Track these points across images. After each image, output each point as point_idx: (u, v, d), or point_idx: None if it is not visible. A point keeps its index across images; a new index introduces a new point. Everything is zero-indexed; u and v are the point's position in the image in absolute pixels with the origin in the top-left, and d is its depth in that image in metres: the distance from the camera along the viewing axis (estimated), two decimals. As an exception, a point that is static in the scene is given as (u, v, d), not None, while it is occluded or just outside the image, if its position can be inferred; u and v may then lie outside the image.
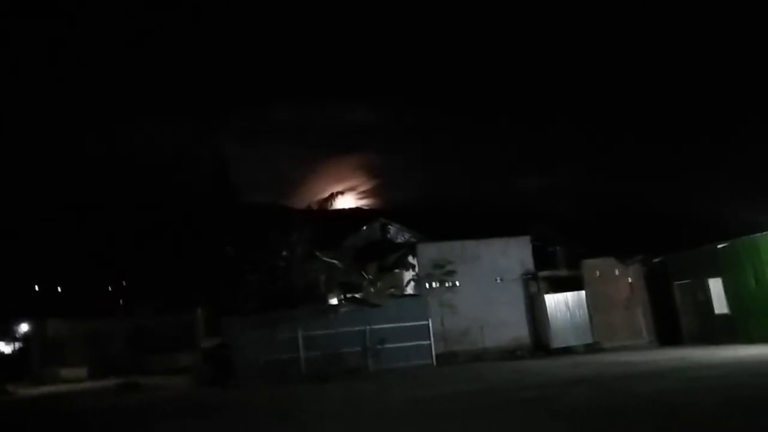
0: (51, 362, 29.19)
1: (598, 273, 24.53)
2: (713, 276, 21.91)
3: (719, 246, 21.47)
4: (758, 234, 19.93)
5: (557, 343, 23.66)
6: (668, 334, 23.49)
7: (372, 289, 25.39)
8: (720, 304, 21.68)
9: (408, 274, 26.68)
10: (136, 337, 31.29)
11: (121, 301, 45.35)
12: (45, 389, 24.63)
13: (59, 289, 45.93)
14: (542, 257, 25.83)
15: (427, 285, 24.78)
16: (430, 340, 22.44)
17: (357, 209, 78.57)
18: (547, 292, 24.51)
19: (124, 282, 48.16)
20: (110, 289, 47.45)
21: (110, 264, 46.39)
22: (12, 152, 50.66)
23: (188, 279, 41.24)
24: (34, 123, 57.87)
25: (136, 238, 47.84)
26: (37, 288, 44.65)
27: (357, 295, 24.74)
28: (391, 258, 27.46)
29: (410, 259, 26.58)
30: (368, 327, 21.96)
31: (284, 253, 25.17)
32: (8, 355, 36.57)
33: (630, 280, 24.66)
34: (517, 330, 24.57)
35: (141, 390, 20.22)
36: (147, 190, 54.44)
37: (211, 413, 13.29)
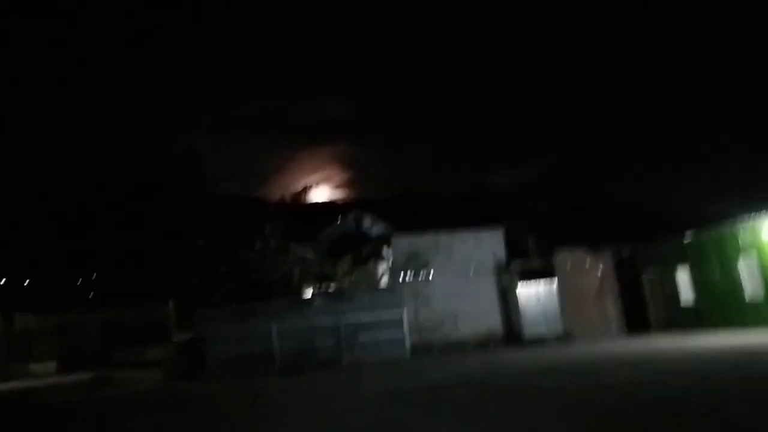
0: (19, 357, 28.66)
1: (569, 264, 24.90)
2: (680, 267, 22.43)
3: (686, 238, 21.97)
4: (723, 226, 20.44)
5: (529, 333, 23.98)
6: (637, 323, 24.01)
7: (346, 282, 25.40)
8: (687, 294, 22.22)
9: (382, 266, 26.77)
10: (107, 331, 30.87)
11: (91, 294, 44.63)
12: (13, 384, 24.18)
13: (27, 283, 44.97)
14: (515, 249, 26.11)
15: (401, 277, 24.89)
16: (404, 331, 22.55)
17: (331, 201, 78.55)
18: (520, 283, 24.80)
19: (94, 275, 47.39)
20: (80, 282, 46.64)
21: (80, 256, 45.60)
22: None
23: (160, 272, 40.77)
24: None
25: (107, 229, 47.10)
26: (3, 281, 43.66)
27: (331, 288, 24.74)
28: (366, 250, 27.52)
29: (384, 251, 26.65)
30: (342, 319, 22.00)
31: (257, 245, 24.99)
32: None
33: (600, 271, 25.08)
34: (490, 321, 24.83)
35: (112, 384, 19.97)
36: (118, 181, 53.62)
37: (184, 407, 13.20)
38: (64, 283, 44.16)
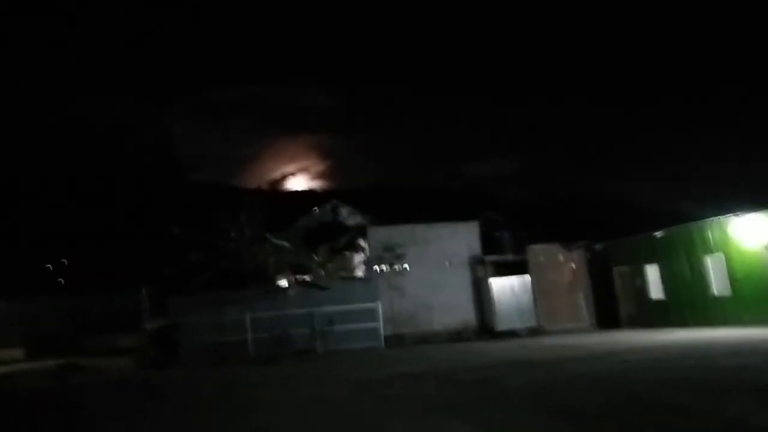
0: (-15, 343, 28.07)
1: (542, 258, 25.21)
2: (650, 263, 22.85)
3: (656, 234, 22.38)
4: (693, 223, 20.87)
5: (502, 325, 24.26)
6: (607, 317, 24.43)
7: (322, 272, 25.40)
8: (656, 290, 22.66)
9: (358, 257, 26.80)
10: (78, 318, 30.36)
11: (61, 280, 43.86)
12: (-21, 371, 23.71)
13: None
14: (489, 242, 26.34)
15: (377, 268, 24.96)
16: (378, 322, 22.67)
17: (309, 190, 78.20)
18: (494, 276, 25.05)
19: (65, 260, 46.58)
20: (50, 267, 45.79)
21: (50, 241, 44.76)
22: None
23: (133, 258, 40.23)
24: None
25: (79, 214, 46.30)
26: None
27: (306, 277, 24.72)
28: (342, 240, 27.52)
29: (361, 241, 26.69)
30: (317, 309, 22.02)
31: (233, 233, 24.83)
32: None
33: (573, 265, 25.46)
34: (464, 313, 25.06)
35: (82, 371, 19.72)
36: (91, 165, 52.72)
37: (155, 395, 13.13)
38: (33, 268, 43.30)
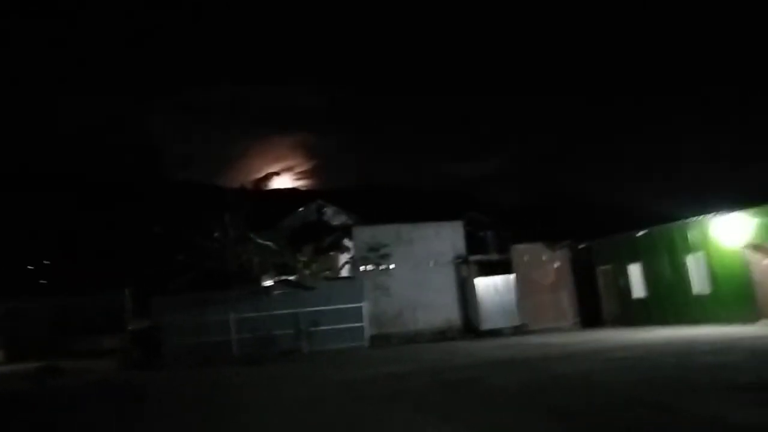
0: (-36, 345, 27.67)
1: (526, 258, 25.38)
2: (633, 262, 23.08)
3: (638, 234, 22.61)
4: (674, 223, 21.12)
5: (487, 325, 24.39)
6: (591, 316, 24.63)
7: (307, 272, 25.36)
8: (638, 289, 22.90)
9: (343, 257, 26.80)
10: (60, 319, 29.97)
11: (42, 280, 43.29)
12: (-43, 373, 23.34)
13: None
14: (474, 242, 26.49)
15: (362, 268, 24.97)
16: (363, 322, 22.67)
17: (293, 190, 77.96)
18: (478, 276, 25.17)
19: (46, 261, 46.00)
20: (31, 267, 45.19)
21: (31, 241, 44.20)
22: None
23: (116, 258, 39.84)
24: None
25: (60, 214, 45.78)
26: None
27: (291, 278, 24.66)
28: (327, 240, 27.49)
29: (346, 241, 26.68)
30: (302, 309, 21.96)
31: (216, 233, 24.68)
32: None
33: (556, 264, 25.65)
34: (449, 312, 25.15)
35: (63, 373, 19.48)
36: (71, 163, 52.15)
37: (138, 397, 13.02)
38: (13, 269, 42.72)
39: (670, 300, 21.17)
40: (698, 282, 19.97)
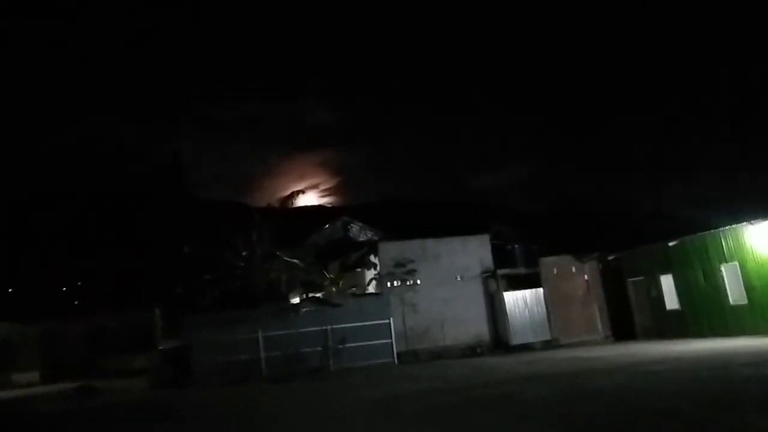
0: (1, 367, 28.22)
1: (555, 270, 25.04)
2: (665, 273, 22.61)
3: (670, 244, 22.17)
4: (706, 232, 20.67)
5: (516, 339, 24.07)
6: (623, 329, 24.13)
7: (333, 288, 25.37)
8: (671, 300, 22.40)
9: (370, 273, 26.75)
10: (92, 339, 30.51)
11: (76, 302, 44.10)
12: (-5, 394, 23.81)
13: (9, 291, 44.36)
14: (501, 255, 26.22)
15: (388, 284, 24.89)
16: (391, 338, 22.54)
17: (319, 207, 78.37)
18: (506, 290, 24.89)
19: (78, 283, 46.86)
20: (64, 290, 46.09)
21: (64, 264, 45.10)
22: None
23: (146, 279, 40.41)
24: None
25: (91, 236, 46.64)
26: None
27: (318, 295, 24.70)
28: (353, 257, 27.51)
29: (372, 257, 26.64)
30: (330, 326, 21.93)
31: (244, 252, 24.89)
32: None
33: (586, 277, 25.26)
34: (477, 327, 24.89)
35: (98, 393, 19.75)
36: (101, 186, 53.18)
37: (171, 416, 13.11)
38: (47, 292, 43.59)
39: (705, 311, 20.67)
40: (734, 292, 19.48)
